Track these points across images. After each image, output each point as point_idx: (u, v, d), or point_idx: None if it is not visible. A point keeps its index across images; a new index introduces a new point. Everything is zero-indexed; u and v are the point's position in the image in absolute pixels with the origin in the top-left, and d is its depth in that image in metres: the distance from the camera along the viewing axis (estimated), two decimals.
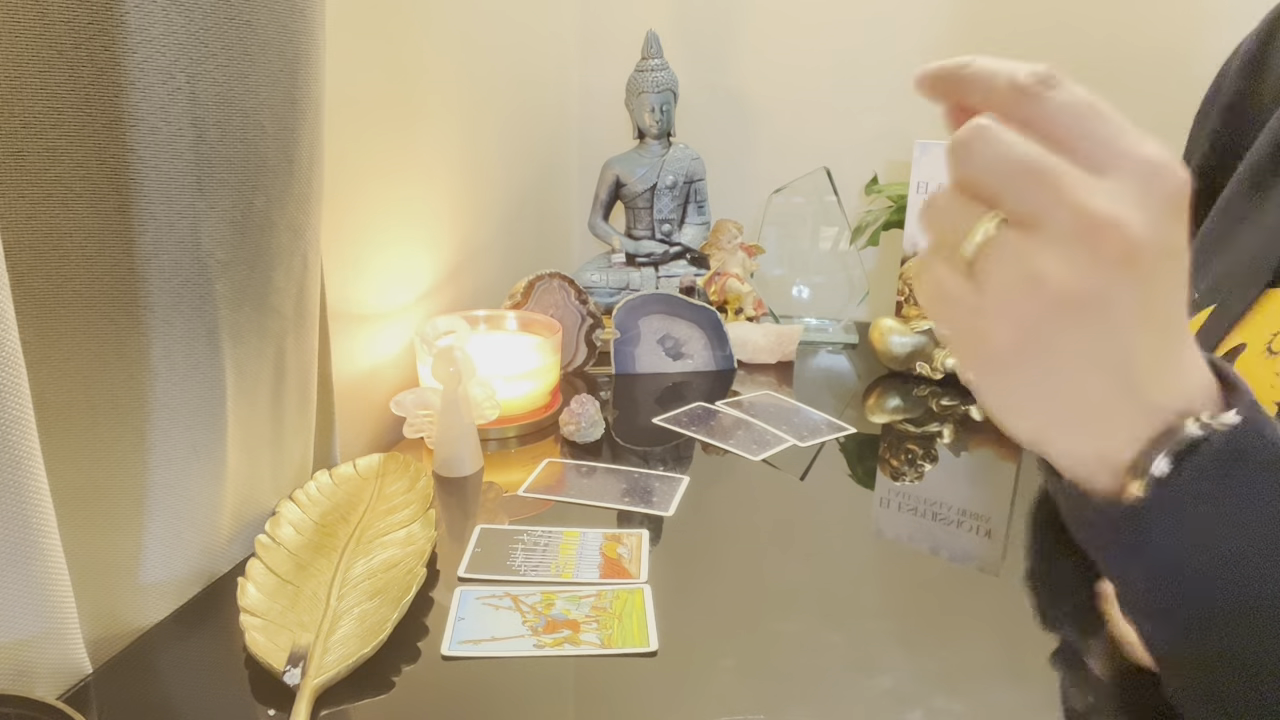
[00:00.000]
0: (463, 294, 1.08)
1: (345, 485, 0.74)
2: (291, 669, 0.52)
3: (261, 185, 0.58)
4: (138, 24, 0.48)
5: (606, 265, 1.16)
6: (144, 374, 0.54)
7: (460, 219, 1.06)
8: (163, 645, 0.57)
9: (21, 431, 0.45)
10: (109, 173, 0.49)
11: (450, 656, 0.56)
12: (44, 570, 0.48)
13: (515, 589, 0.63)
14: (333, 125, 0.68)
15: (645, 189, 1.16)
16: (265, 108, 0.57)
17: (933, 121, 1.35)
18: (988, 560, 0.69)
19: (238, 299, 0.59)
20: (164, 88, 0.50)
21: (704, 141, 1.22)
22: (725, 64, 1.33)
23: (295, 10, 0.58)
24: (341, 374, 0.82)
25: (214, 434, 0.59)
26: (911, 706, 0.52)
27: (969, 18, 1.21)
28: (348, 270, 0.84)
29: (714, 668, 0.56)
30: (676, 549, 0.69)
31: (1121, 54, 1.15)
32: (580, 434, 0.87)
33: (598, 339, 1.05)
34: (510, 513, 0.74)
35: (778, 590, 0.65)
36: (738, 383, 1.04)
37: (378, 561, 0.64)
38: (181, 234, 0.53)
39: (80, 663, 0.52)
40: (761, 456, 0.85)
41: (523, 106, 1.22)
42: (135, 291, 0.52)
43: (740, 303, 1.16)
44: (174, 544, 0.59)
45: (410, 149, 0.93)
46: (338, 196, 0.77)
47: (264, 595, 0.59)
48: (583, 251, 1.35)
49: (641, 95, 1.12)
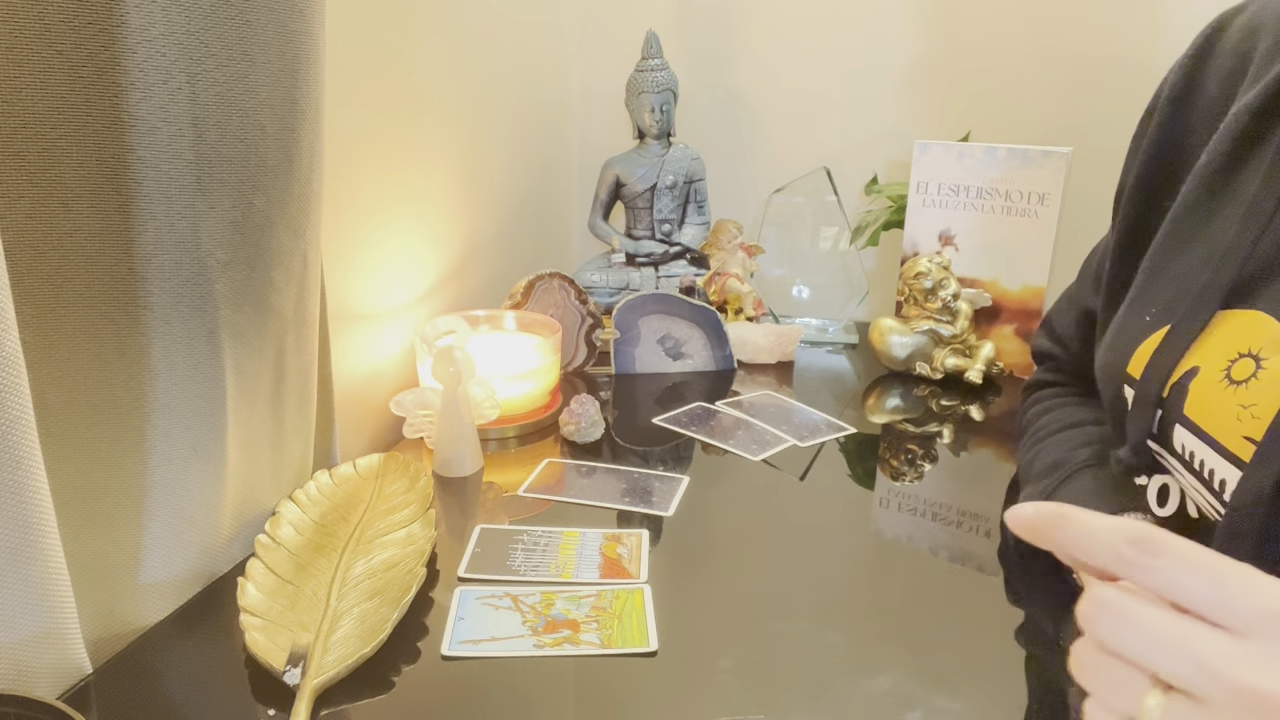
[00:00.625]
0: (463, 294, 1.08)
1: (345, 485, 0.74)
2: (291, 669, 0.52)
3: (261, 185, 0.58)
4: (138, 24, 0.48)
5: (606, 265, 1.16)
6: (144, 374, 0.54)
7: (460, 219, 1.06)
8: (163, 645, 0.57)
9: (21, 431, 0.45)
10: (109, 173, 0.49)
11: (450, 656, 0.56)
12: (44, 570, 0.48)
13: (515, 589, 0.63)
14: (333, 125, 0.68)
15: (645, 189, 1.16)
16: (265, 108, 0.57)
17: (933, 122, 1.35)
18: (988, 560, 0.69)
19: (238, 299, 0.59)
20: (164, 88, 0.50)
21: (704, 141, 1.22)
22: (725, 64, 1.33)
23: (295, 10, 0.58)
24: (341, 374, 0.82)
25: (214, 434, 0.59)
26: (911, 706, 0.52)
27: (968, 18, 1.21)
28: (348, 270, 0.84)
29: (714, 668, 0.56)
30: (676, 549, 0.69)
31: (1119, 54, 1.15)
32: (580, 434, 0.87)
33: (598, 339, 1.05)
34: (510, 513, 0.74)
35: (778, 590, 0.65)
36: (738, 383, 1.04)
37: (378, 561, 0.64)
38: (181, 234, 0.53)
39: (80, 663, 0.52)
40: (761, 456, 0.85)
41: (523, 106, 1.22)
42: (135, 291, 0.52)
43: (740, 303, 1.16)
44: (174, 544, 0.59)
45: (411, 149, 0.93)
46: (338, 196, 0.77)
47: (264, 595, 0.59)
48: (583, 251, 1.35)
49: (641, 95, 1.12)
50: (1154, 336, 0.55)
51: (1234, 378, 0.49)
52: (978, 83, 1.23)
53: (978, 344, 1.04)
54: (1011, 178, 1.03)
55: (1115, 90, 1.16)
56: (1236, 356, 0.50)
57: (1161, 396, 0.53)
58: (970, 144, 1.05)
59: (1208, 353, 0.51)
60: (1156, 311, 0.56)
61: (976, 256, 1.07)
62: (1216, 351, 0.51)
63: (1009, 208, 1.04)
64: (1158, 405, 0.53)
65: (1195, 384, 0.51)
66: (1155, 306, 0.56)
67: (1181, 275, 0.55)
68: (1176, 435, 0.52)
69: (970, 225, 1.06)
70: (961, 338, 1.04)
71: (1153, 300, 0.57)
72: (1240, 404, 0.48)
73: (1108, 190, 0.68)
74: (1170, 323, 0.54)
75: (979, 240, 1.06)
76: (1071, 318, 0.74)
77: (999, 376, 1.05)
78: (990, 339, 1.05)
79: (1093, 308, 0.69)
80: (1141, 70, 1.14)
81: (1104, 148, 1.14)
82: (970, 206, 1.06)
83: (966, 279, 1.07)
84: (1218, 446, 0.49)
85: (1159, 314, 0.56)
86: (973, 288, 1.07)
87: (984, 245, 1.06)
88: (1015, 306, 1.06)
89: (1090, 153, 1.09)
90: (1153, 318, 0.56)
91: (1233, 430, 0.48)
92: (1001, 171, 1.03)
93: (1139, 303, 0.58)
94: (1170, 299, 0.55)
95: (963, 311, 1.03)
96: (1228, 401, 0.49)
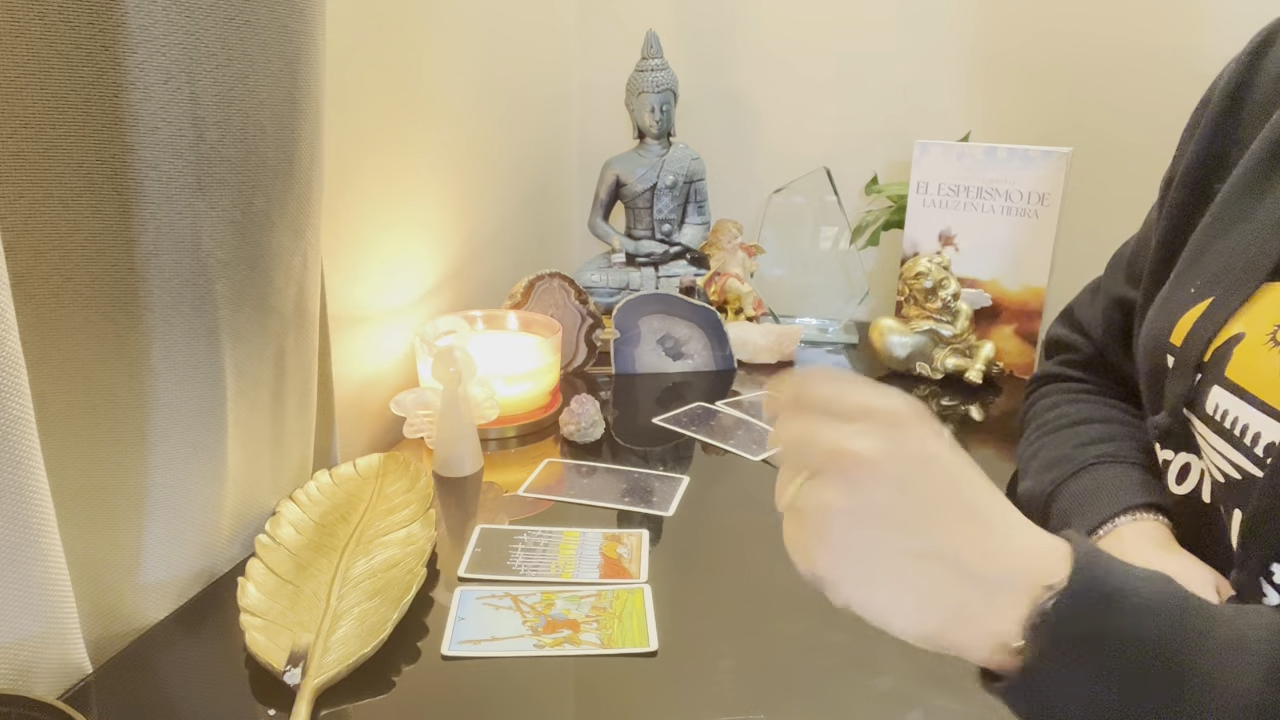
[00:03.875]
0: (463, 294, 1.08)
1: (345, 485, 0.74)
2: (291, 669, 0.52)
3: (261, 185, 0.58)
4: (138, 24, 0.48)
5: (606, 265, 1.16)
6: (144, 374, 0.54)
7: (460, 219, 1.06)
8: (163, 645, 0.57)
9: (21, 431, 0.45)
10: (109, 173, 0.49)
11: (450, 656, 0.56)
12: (44, 570, 0.48)
13: (515, 589, 0.63)
14: (333, 125, 0.68)
15: (645, 189, 1.15)
16: (265, 108, 0.57)
17: (933, 121, 1.35)
18: None
19: (238, 299, 0.59)
20: (164, 88, 0.50)
21: (704, 141, 1.22)
22: (725, 64, 1.33)
23: (295, 10, 0.58)
24: (342, 374, 0.82)
25: (214, 434, 0.59)
26: (911, 706, 0.52)
27: (968, 18, 1.21)
28: (348, 270, 0.84)
29: (714, 668, 0.56)
30: (676, 549, 0.69)
31: (1119, 54, 1.15)
32: (580, 434, 0.87)
33: (598, 339, 1.05)
34: (510, 513, 0.74)
35: (778, 590, 0.65)
36: (738, 383, 1.04)
37: (378, 561, 0.64)
38: (181, 234, 0.53)
39: (80, 662, 0.52)
40: (761, 456, 0.85)
41: (523, 106, 1.22)
42: (135, 291, 0.52)
43: (740, 303, 1.15)
44: (174, 544, 0.59)
45: (411, 149, 0.93)
46: (338, 196, 0.77)
47: (264, 595, 0.59)
48: (583, 251, 1.35)
49: (641, 95, 1.12)
50: (1198, 307, 0.56)
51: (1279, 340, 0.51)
52: (978, 83, 1.23)
53: (978, 344, 1.04)
54: (1011, 178, 1.03)
55: (1115, 90, 1.16)
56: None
57: (1202, 360, 0.54)
58: (970, 144, 1.05)
59: (1253, 320, 0.53)
60: (1201, 284, 0.57)
61: (976, 256, 1.07)
62: (1262, 318, 0.52)
63: (1009, 208, 1.04)
64: (1198, 369, 0.55)
65: (1240, 349, 0.52)
66: (1200, 279, 0.57)
67: (1228, 251, 0.56)
68: (1212, 397, 0.54)
69: (970, 225, 1.06)
70: (961, 338, 1.04)
71: (1198, 275, 0.58)
72: None
73: (1108, 190, 0.68)
74: (1214, 294, 0.55)
75: (979, 240, 1.06)
76: (1097, 306, 0.74)
77: (999, 377, 1.05)
78: (990, 339, 1.05)
79: (1122, 296, 0.70)
80: (1142, 71, 1.15)
81: (1104, 148, 1.15)
82: (970, 206, 1.06)
83: (966, 279, 1.07)
84: (1259, 404, 0.50)
85: (1203, 287, 0.57)
86: (973, 288, 1.07)
87: (984, 245, 1.06)
88: (1015, 306, 1.06)
89: (1090, 153, 1.09)
90: (1197, 290, 0.57)
91: (1276, 387, 0.50)
92: (1001, 171, 1.03)
93: (1184, 277, 0.59)
94: (1216, 273, 0.56)
95: (963, 311, 1.03)
96: (1273, 361, 0.50)
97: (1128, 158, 1.07)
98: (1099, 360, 0.74)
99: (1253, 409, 0.51)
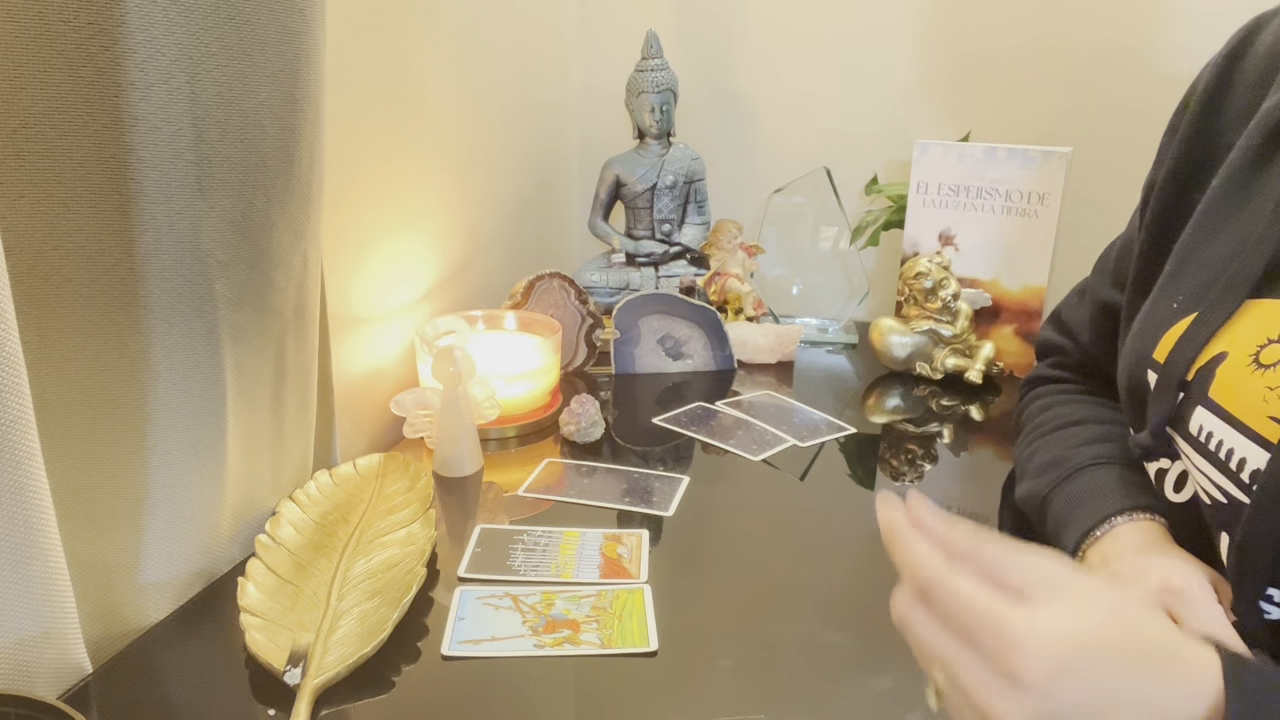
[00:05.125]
0: (463, 294, 1.08)
1: (345, 485, 0.74)
2: (291, 669, 0.52)
3: (261, 185, 0.58)
4: (138, 24, 0.48)
5: (606, 265, 1.16)
6: (144, 374, 0.54)
7: (461, 219, 1.06)
8: (163, 645, 0.57)
9: (21, 431, 0.45)
10: (109, 173, 0.49)
11: (450, 656, 0.56)
12: (44, 570, 0.48)
13: (515, 589, 0.63)
14: (333, 125, 0.68)
15: (645, 189, 1.15)
16: (265, 108, 0.57)
17: (933, 121, 1.35)
18: None
19: (238, 299, 0.59)
20: (164, 88, 0.50)
21: (704, 141, 1.22)
22: (725, 64, 1.33)
23: (295, 10, 0.58)
24: (341, 374, 0.82)
25: (214, 434, 0.59)
26: (911, 707, 0.52)
27: (968, 18, 1.21)
28: (348, 270, 0.84)
29: (714, 668, 0.56)
30: (676, 549, 0.69)
31: (1119, 54, 1.15)
32: (580, 434, 0.87)
33: (598, 339, 1.05)
34: (510, 513, 0.74)
35: (778, 590, 0.65)
36: (738, 383, 1.04)
37: (378, 561, 0.64)
38: (181, 234, 0.53)
39: (80, 663, 0.52)
40: (761, 456, 0.85)
41: (523, 106, 1.22)
42: (135, 291, 0.52)
43: (740, 303, 1.16)
44: (174, 544, 0.59)
45: (411, 149, 0.93)
46: (338, 196, 0.77)
47: (264, 595, 0.59)
48: (583, 251, 1.35)
49: (641, 95, 1.12)
50: (1181, 324, 0.56)
51: (1262, 362, 0.50)
52: (978, 83, 1.23)
53: (978, 344, 1.04)
54: (1011, 178, 1.03)
55: (1116, 90, 1.16)
56: (1265, 342, 0.50)
57: (1185, 380, 0.54)
58: (970, 144, 1.05)
59: (1235, 338, 0.52)
60: (1184, 299, 0.57)
61: (976, 256, 1.07)
62: (1245, 337, 0.52)
63: (1009, 208, 1.04)
64: (1180, 389, 0.54)
65: (1223, 369, 0.52)
66: (1183, 294, 0.57)
67: (1210, 264, 0.56)
68: (1195, 418, 0.53)
69: (970, 225, 1.06)
70: (961, 338, 1.04)
71: (1180, 288, 0.57)
72: (1268, 386, 0.49)
73: (1108, 190, 0.68)
74: (1197, 310, 0.55)
75: (979, 240, 1.06)
76: (1084, 310, 0.74)
77: (999, 376, 1.05)
78: (990, 339, 1.05)
79: (1108, 300, 0.69)
80: (1142, 70, 1.15)
81: (1104, 148, 1.15)
82: (970, 206, 1.06)
83: (966, 279, 1.07)
84: (1241, 427, 0.50)
85: (1186, 302, 0.56)
86: (973, 288, 1.07)
87: (984, 245, 1.06)
88: (1015, 306, 1.06)
89: (1090, 153, 1.09)
90: (1180, 305, 0.57)
91: (1259, 411, 0.49)
92: (1001, 171, 1.03)
93: (1166, 290, 0.59)
94: (1198, 287, 0.56)
95: (963, 311, 1.03)
96: (1255, 384, 0.50)
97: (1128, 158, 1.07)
98: (1089, 363, 0.74)
99: (1236, 432, 0.50)
